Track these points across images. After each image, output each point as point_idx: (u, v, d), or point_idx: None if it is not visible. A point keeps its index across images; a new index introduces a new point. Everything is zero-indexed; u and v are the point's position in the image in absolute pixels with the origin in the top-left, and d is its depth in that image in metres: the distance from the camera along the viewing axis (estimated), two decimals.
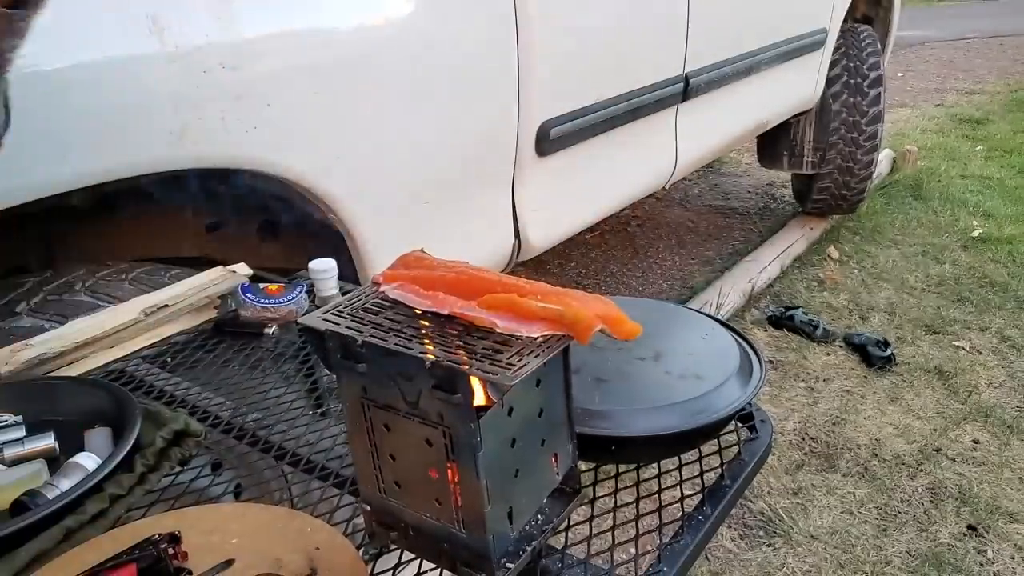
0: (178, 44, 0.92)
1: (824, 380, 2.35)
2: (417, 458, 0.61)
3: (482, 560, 0.61)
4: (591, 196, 1.83)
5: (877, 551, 1.71)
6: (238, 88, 0.99)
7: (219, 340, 1.05)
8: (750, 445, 0.81)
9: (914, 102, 5.89)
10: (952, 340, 2.55)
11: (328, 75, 1.11)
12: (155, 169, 0.95)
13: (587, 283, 3.05)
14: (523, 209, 1.56)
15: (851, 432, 2.11)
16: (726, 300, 2.71)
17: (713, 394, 0.77)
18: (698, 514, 0.72)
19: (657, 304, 1.00)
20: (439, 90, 1.30)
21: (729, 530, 1.78)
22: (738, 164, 4.50)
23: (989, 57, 7.60)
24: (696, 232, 3.60)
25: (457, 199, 1.42)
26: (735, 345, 0.86)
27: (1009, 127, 5.00)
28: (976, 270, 3.03)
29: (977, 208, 3.64)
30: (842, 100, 3.06)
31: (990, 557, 1.69)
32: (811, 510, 1.83)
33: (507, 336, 0.57)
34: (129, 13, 0.88)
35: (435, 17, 1.27)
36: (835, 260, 3.17)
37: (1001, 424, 2.13)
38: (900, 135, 4.81)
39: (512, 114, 1.46)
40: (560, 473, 0.69)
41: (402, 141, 1.26)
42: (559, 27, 1.52)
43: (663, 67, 1.92)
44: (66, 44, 0.84)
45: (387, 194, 1.27)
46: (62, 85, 0.84)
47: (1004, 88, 6.21)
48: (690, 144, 2.17)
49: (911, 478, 1.94)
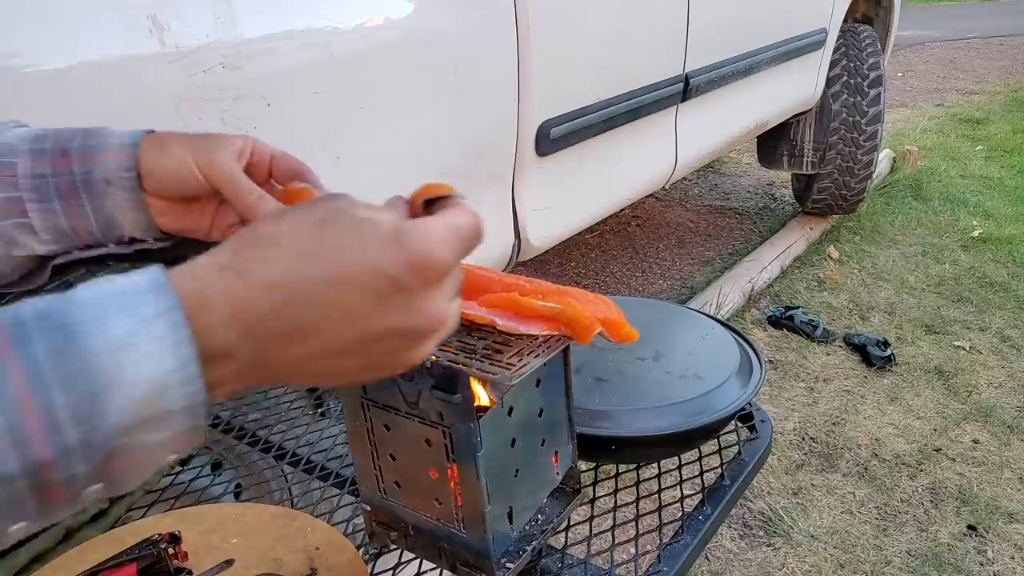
0: (178, 44, 0.92)
1: (824, 380, 2.35)
2: (417, 458, 0.61)
3: (482, 560, 0.61)
4: (591, 196, 1.83)
5: (877, 551, 1.71)
6: (238, 88, 0.99)
7: None
8: (750, 445, 0.81)
9: (914, 102, 5.89)
10: (952, 340, 2.55)
11: (328, 75, 1.11)
12: None
13: (587, 283, 3.05)
14: (523, 209, 1.56)
15: (851, 432, 2.11)
16: (726, 300, 2.71)
17: (713, 394, 0.77)
18: (698, 514, 0.72)
19: (657, 304, 1.00)
20: (439, 90, 1.30)
21: (729, 530, 1.78)
22: (738, 164, 4.50)
23: (989, 57, 7.60)
24: (696, 232, 3.60)
25: None
26: (735, 345, 0.86)
27: (1009, 127, 5.00)
28: (976, 270, 3.03)
29: (977, 208, 3.64)
30: (842, 100, 3.06)
31: (990, 557, 1.69)
32: (811, 510, 1.83)
33: (507, 336, 0.57)
34: (129, 13, 0.88)
35: (435, 17, 1.27)
36: (835, 260, 3.17)
37: (1001, 424, 2.13)
38: (900, 135, 4.81)
39: (512, 114, 1.46)
40: (560, 473, 0.69)
41: (402, 141, 1.26)
42: (559, 27, 1.52)
43: (663, 67, 1.92)
44: (66, 44, 0.84)
45: (387, 194, 1.27)
46: (62, 85, 0.84)
47: (1004, 88, 6.21)
48: (690, 144, 2.17)
49: (911, 478, 1.94)
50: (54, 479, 0.32)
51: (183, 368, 0.34)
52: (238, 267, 0.36)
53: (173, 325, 0.34)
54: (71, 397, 0.32)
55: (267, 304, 0.36)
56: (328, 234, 0.37)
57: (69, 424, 0.32)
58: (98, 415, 0.32)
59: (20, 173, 0.56)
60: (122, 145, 0.57)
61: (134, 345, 0.33)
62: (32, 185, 0.56)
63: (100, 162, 0.57)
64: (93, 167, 0.57)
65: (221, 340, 0.35)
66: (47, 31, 0.82)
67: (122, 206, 0.58)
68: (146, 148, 0.58)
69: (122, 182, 0.57)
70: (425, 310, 0.38)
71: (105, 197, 0.57)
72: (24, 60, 0.80)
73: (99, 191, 0.57)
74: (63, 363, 0.32)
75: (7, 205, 0.56)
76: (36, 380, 0.31)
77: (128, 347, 0.33)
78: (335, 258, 0.36)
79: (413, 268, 0.37)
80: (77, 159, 0.57)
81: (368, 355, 0.39)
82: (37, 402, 0.31)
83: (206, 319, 0.35)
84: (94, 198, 0.57)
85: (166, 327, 0.34)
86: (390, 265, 0.37)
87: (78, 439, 0.32)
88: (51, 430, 0.32)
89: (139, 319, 0.33)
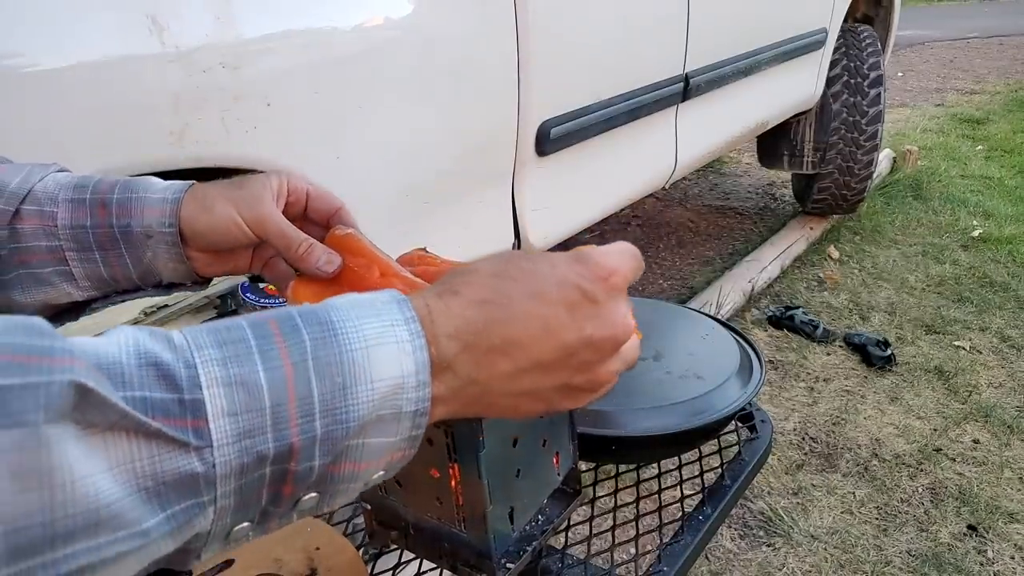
0: (178, 44, 0.91)
1: (824, 380, 2.35)
2: (418, 457, 0.61)
3: (483, 560, 0.61)
4: (591, 196, 1.83)
5: (877, 551, 1.71)
6: (238, 88, 0.98)
7: None
8: (750, 445, 0.81)
9: (914, 102, 5.89)
10: (952, 340, 2.55)
11: (328, 75, 1.11)
12: (155, 169, 0.95)
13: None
14: (523, 209, 1.56)
15: (851, 432, 2.11)
16: (726, 300, 2.70)
17: (713, 394, 0.77)
18: (698, 514, 0.72)
19: (657, 304, 1.00)
20: (439, 90, 1.30)
21: (729, 530, 1.78)
22: (738, 164, 4.50)
23: (989, 57, 7.60)
24: (696, 232, 3.60)
25: (457, 199, 1.42)
26: (735, 345, 0.86)
27: (1009, 127, 5.00)
28: (976, 270, 3.03)
29: (977, 208, 3.63)
30: (842, 100, 3.06)
31: (990, 557, 1.69)
32: (811, 510, 1.83)
33: None
34: (129, 13, 0.88)
35: (435, 17, 1.27)
36: (835, 260, 3.17)
37: (1001, 424, 2.13)
38: (900, 135, 4.81)
39: (512, 114, 1.46)
40: (561, 473, 0.69)
41: (402, 141, 1.26)
42: (559, 27, 1.52)
43: (663, 67, 1.92)
44: (65, 44, 0.84)
45: (387, 193, 1.27)
46: (62, 85, 0.84)
47: (1004, 88, 6.21)
48: (690, 144, 2.17)
49: (911, 478, 1.94)
50: (293, 469, 0.35)
51: (418, 373, 0.37)
52: (452, 290, 0.40)
53: (413, 332, 0.37)
54: (325, 386, 0.35)
55: (481, 319, 0.39)
56: (519, 262, 0.42)
57: (319, 414, 0.35)
58: (343, 408, 0.35)
59: (60, 223, 0.57)
60: (163, 200, 0.58)
61: (382, 344, 0.36)
62: (72, 235, 0.57)
63: (139, 216, 0.58)
64: (131, 221, 0.58)
65: (445, 352, 0.38)
66: (47, 31, 0.82)
67: (163, 258, 0.59)
68: (188, 205, 0.58)
69: (163, 236, 0.58)
70: (611, 318, 0.42)
71: (145, 249, 0.59)
72: (24, 60, 0.80)
73: (138, 243, 0.58)
74: (324, 354, 0.35)
75: (48, 254, 0.57)
76: (301, 367, 0.34)
77: (377, 346, 0.36)
78: (529, 277, 0.41)
79: (598, 278, 0.42)
80: (117, 211, 0.58)
81: (568, 369, 0.42)
82: (299, 388, 0.34)
83: (434, 331, 0.38)
84: (133, 249, 0.59)
85: (408, 333, 0.37)
86: (578, 277, 0.41)
87: (323, 431, 0.35)
88: (305, 417, 0.34)
89: (388, 323, 0.37)
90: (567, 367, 0.41)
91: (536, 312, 0.40)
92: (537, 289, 0.40)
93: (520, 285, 0.40)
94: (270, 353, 0.34)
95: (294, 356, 0.34)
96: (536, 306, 0.40)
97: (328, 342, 0.35)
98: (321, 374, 0.35)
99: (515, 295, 0.40)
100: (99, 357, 0.31)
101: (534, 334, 0.40)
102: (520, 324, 0.39)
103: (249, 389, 0.33)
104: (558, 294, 0.40)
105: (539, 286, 0.40)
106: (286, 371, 0.34)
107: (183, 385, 0.32)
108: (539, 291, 0.40)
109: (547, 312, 0.40)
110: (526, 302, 0.40)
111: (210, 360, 0.33)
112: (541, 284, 0.40)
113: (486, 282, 0.40)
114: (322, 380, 0.34)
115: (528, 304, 0.40)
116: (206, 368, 0.33)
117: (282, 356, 0.34)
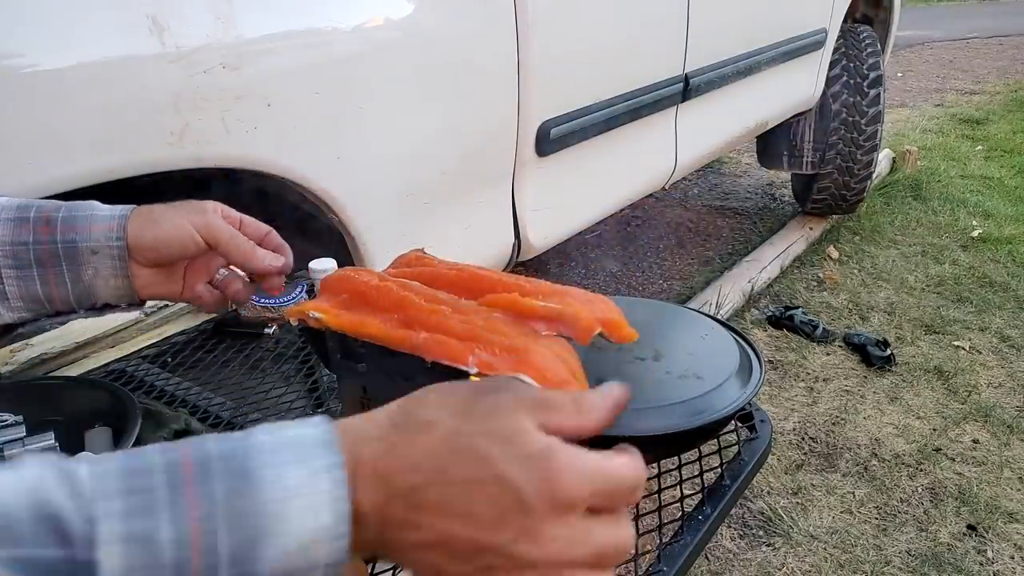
0: (178, 44, 0.92)
1: (824, 380, 2.35)
2: None
3: None
4: (591, 196, 1.83)
5: (877, 551, 1.71)
6: (238, 88, 0.99)
7: (219, 340, 1.05)
8: (750, 445, 0.81)
9: (914, 102, 5.89)
10: (952, 340, 2.55)
11: (328, 75, 1.11)
12: (155, 169, 0.95)
13: (587, 283, 3.05)
14: (523, 209, 1.56)
15: (851, 432, 2.11)
16: (726, 300, 2.71)
17: (713, 394, 0.77)
18: (698, 514, 0.72)
19: (657, 304, 1.00)
20: (439, 90, 1.30)
21: (729, 530, 1.78)
22: (738, 164, 4.50)
23: (989, 57, 7.60)
24: (696, 232, 3.60)
25: (457, 199, 1.42)
26: (735, 345, 0.86)
27: (1009, 127, 5.00)
28: (976, 270, 3.03)
29: (977, 208, 3.64)
30: (842, 100, 3.06)
31: (990, 557, 1.69)
32: (811, 510, 1.83)
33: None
34: (129, 13, 0.88)
35: (435, 17, 1.27)
36: (835, 260, 3.17)
37: (1001, 424, 2.13)
38: (900, 135, 4.81)
39: (512, 114, 1.46)
40: None
41: (402, 141, 1.26)
42: (559, 27, 1.52)
43: (663, 67, 1.92)
44: (66, 44, 0.84)
45: (387, 194, 1.27)
46: (62, 85, 0.84)
47: (1004, 88, 6.22)
48: (690, 144, 2.17)
49: (911, 478, 1.94)
50: None
51: (336, 525, 0.35)
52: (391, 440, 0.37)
53: (335, 481, 0.35)
54: (234, 540, 0.33)
55: (407, 484, 0.36)
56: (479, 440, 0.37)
57: (225, 565, 0.33)
58: (252, 561, 0.33)
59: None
60: (111, 216, 0.61)
61: (301, 496, 0.34)
62: (11, 252, 0.58)
63: (85, 232, 0.60)
64: (76, 236, 0.59)
65: (361, 505, 0.36)
66: (47, 31, 0.82)
67: (104, 275, 0.61)
68: (135, 221, 0.61)
69: (110, 251, 0.60)
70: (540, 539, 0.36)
71: (87, 266, 0.60)
72: (24, 60, 0.80)
73: (82, 260, 0.60)
74: (237, 506, 0.33)
75: None
76: (208, 519, 0.33)
77: (296, 497, 0.34)
78: (475, 464, 0.37)
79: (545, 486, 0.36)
80: (62, 228, 0.59)
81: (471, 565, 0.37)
82: (205, 541, 0.32)
83: (356, 482, 0.36)
84: (74, 267, 0.60)
85: (329, 482, 0.35)
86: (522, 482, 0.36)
87: None
88: (209, 569, 0.33)
89: (311, 470, 0.35)
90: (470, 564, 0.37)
91: (463, 499, 0.36)
92: (475, 478, 0.36)
93: (461, 469, 0.36)
94: (178, 505, 0.32)
95: (203, 508, 0.33)
96: (466, 494, 0.36)
97: (243, 493, 0.33)
98: (232, 526, 0.33)
99: (453, 476, 0.36)
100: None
101: (450, 519, 0.36)
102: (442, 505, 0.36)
103: (148, 546, 0.32)
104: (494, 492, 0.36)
105: (478, 476, 0.36)
106: (191, 526, 0.32)
107: (77, 543, 0.31)
108: (476, 480, 0.36)
109: (474, 504, 0.36)
110: (459, 486, 0.36)
111: (112, 514, 0.32)
112: (480, 475, 0.36)
113: (431, 451, 0.37)
114: (232, 532, 0.33)
115: (460, 488, 0.36)
116: (107, 523, 0.31)
117: (190, 508, 0.33)
